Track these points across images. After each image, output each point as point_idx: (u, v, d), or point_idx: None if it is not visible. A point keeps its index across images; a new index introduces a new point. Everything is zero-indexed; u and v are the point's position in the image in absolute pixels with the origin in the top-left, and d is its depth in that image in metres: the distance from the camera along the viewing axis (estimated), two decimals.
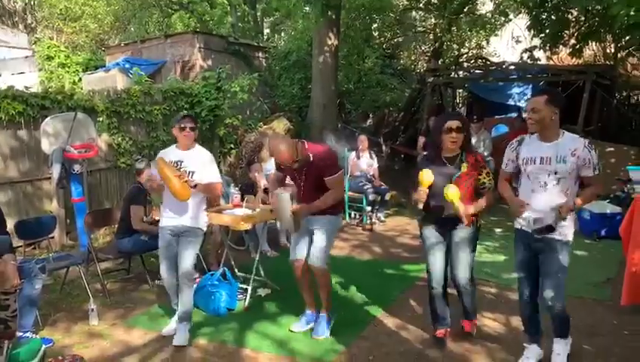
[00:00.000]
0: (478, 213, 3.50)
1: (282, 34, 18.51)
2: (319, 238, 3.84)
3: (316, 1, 6.72)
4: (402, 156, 11.64)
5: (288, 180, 4.14)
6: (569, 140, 3.08)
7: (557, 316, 3.20)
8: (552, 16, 8.11)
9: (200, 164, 3.92)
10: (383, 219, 7.76)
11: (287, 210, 3.73)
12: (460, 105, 15.28)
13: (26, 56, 14.50)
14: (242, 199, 5.96)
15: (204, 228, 4.07)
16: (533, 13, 8.46)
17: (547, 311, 3.23)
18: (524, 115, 12.22)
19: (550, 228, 3.06)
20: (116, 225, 5.28)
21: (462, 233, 3.50)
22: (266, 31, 18.99)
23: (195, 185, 3.78)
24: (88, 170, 6.50)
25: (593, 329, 3.95)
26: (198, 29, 15.83)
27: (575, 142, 3.06)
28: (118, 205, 6.10)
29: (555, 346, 3.32)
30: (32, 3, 18.98)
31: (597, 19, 8.82)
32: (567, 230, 3.11)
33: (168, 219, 3.94)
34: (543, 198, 3.12)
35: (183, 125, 3.88)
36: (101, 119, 6.77)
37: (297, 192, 3.93)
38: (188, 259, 3.89)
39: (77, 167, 5.66)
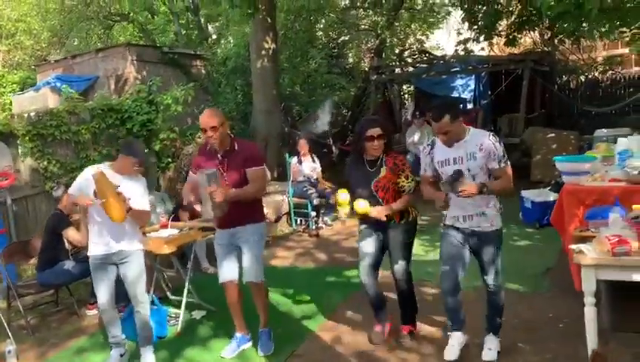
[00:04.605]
0: (408, 210, 3.62)
1: (230, 39, 18.23)
2: (249, 252, 3.71)
3: (242, 0, 6.52)
4: None
5: None
6: (476, 136, 3.16)
7: (495, 302, 3.37)
8: (484, 8, 8.15)
9: (137, 192, 3.66)
10: (330, 223, 7.63)
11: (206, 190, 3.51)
12: (409, 100, 15.35)
13: None
14: (176, 217, 5.77)
15: (142, 249, 3.82)
16: (465, 5, 8.49)
17: (489, 297, 3.40)
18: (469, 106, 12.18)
19: (459, 173, 3.06)
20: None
21: (393, 230, 3.61)
22: (214, 37, 18.65)
23: (129, 209, 3.50)
24: (12, 199, 6.16)
25: (530, 324, 3.92)
26: (140, 40, 15.47)
27: (481, 137, 3.14)
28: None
29: (486, 340, 3.43)
30: None
31: (531, 8, 8.94)
32: (494, 219, 3.23)
33: (102, 246, 3.64)
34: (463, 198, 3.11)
35: (140, 161, 3.67)
36: (23, 143, 6.42)
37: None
38: (138, 285, 3.69)
39: None
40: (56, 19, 17.22)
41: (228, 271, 3.79)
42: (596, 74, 13.54)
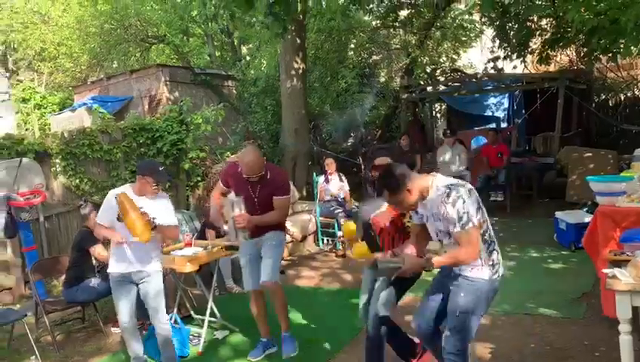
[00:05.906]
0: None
1: (263, 60, 18.51)
2: (264, 254, 3.93)
3: (273, 22, 6.59)
4: None
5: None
6: (434, 195, 2.69)
7: None
8: (516, 26, 8.01)
9: (161, 209, 3.68)
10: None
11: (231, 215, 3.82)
12: (441, 118, 15.16)
13: (3, 100, 14.43)
14: (203, 236, 5.78)
15: (162, 269, 3.82)
16: (496, 23, 8.37)
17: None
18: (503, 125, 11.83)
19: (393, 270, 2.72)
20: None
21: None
22: (248, 58, 18.92)
23: (155, 226, 3.53)
24: (45, 216, 6.29)
25: (562, 352, 3.74)
26: (177, 62, 15.84)
27: (436, 198, 2.67)
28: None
29: None
30: (13, 46, 18.94)
31: (564, 25, 8.75)
32: (477, 269, 2.72)
33: (123, 264, 3.65)
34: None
35: (157, 180, 3.63)
36: (57, 161, 6.59)
37: (250, 210, 3.88)
38: (158, 305, 3.70)
39: (24, 215, 5.43)
40: (95, 42, 17.77)
41: (253, 280, 3.99)
42: (636, 92, 13.10)
